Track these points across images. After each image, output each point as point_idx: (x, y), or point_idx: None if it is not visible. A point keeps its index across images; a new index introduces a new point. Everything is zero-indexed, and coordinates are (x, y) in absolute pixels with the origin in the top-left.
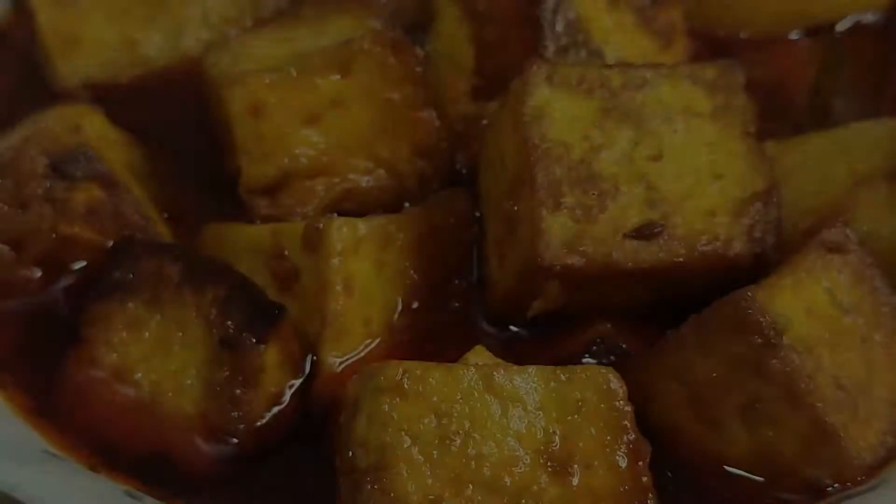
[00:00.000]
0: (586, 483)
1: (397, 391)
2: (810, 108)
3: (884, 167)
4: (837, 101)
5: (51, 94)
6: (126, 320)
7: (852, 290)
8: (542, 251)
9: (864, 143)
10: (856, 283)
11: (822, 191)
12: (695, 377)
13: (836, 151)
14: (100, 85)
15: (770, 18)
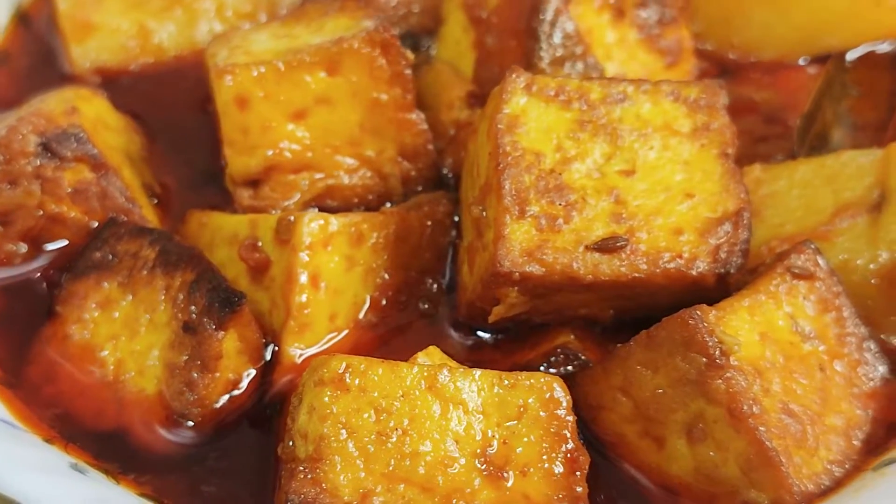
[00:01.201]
0: (520, 489)
1: (338, 384)
2: (801, 134)
3: (867, 198)
4: (837, 130)
5: (62, 78)
6: (99, 299)
7: (817, 318)
8: (501, 257)
9: (850, 172)
10: (822, 311)
11: (804, 217)
12: (641, 392)
13: (823, 179)
14: (110, 70)
15: (782, 44)
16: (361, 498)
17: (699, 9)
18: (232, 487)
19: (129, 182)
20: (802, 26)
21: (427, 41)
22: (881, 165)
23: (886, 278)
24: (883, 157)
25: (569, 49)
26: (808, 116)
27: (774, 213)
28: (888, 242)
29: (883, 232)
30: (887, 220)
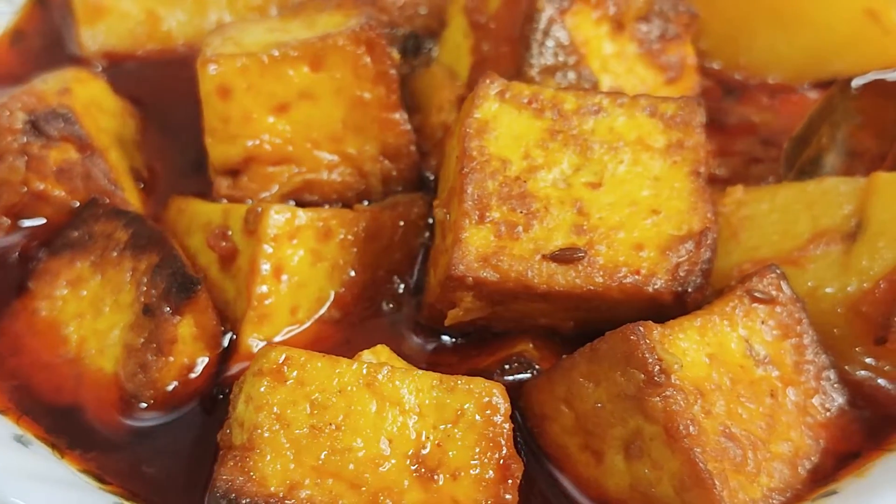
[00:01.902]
0: (449, 492)
1: (276, 375)
2: (790, 157)
3: (844, 226)
4: (831, 156)
5: (71, 59)
6: (71, 277)
7: (774, 343)
8: (456, 261)
9: (831, 199)
10: (781, 336)
11: (780, 242)
12: (583, 405)
13: (803, 204)
14: (117, 54)
15: (788, 66)
16: (288, 489)
17: (706, 27)
18: (172, 470)
19: (114, 165)
20: (809, 49)
21: (430, 43)
22: (862, 194)
23: (853, 308)
24: (864, 186)
25: (561, 59)
26: (799, 140)
27: (751, 235)
28: (858, 272)
29: (855, 261)
30: (860, 249)
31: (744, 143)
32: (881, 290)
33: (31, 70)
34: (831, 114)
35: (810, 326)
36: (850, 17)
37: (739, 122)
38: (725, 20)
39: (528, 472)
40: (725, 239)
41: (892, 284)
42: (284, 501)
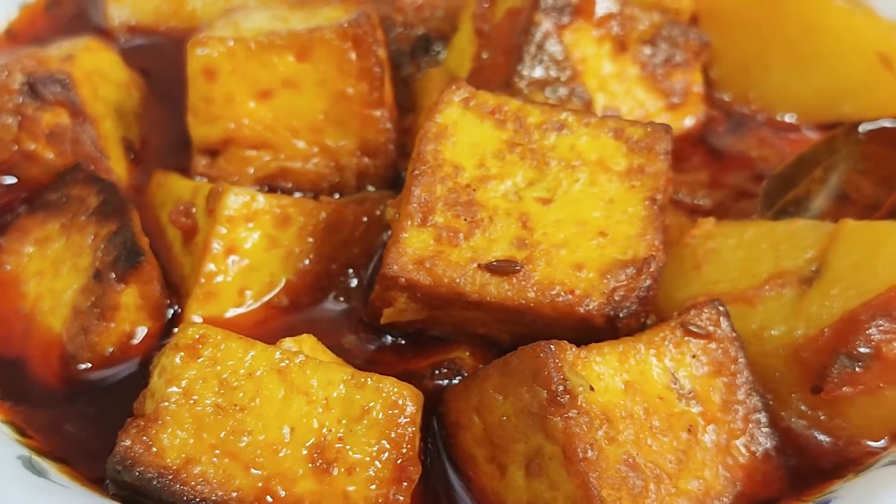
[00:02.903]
0: (342, 486)
1: (191, 351)
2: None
3: (804, 270)
4: (820, 199)
5: (96, 30)
6: (39, 236)
7: (704, 379)
8: (390, 262)
9: (796, 241)
10: (713, 373)
11: (739, 278)
12: (491, 416)
13: (769, 244)
14: (139, 29)
15: (797, 104)
16: (183, 463)
17: (720, 55)
18: (91, 433)
19: (105, 133)
20: (820, 89)
21: (439, 46)
22: (828, 240)
23: (795, 354)
24: (831, 232)
25: (553, 73)
26: (783, 179)
27: (714, 269)
28: (807, 318)
29: (806, 306)
30: (813, 295)
31: (737, 176)
32: (824, 338)
33: (58, 35)
34: (829, 156)
35: (746, 367)
36: (863, 60)
37: (737, 155)
38: (740, 51)
39: (433, 478)
40: (688, 270)
41: (836, 333)
42: (178, 474)
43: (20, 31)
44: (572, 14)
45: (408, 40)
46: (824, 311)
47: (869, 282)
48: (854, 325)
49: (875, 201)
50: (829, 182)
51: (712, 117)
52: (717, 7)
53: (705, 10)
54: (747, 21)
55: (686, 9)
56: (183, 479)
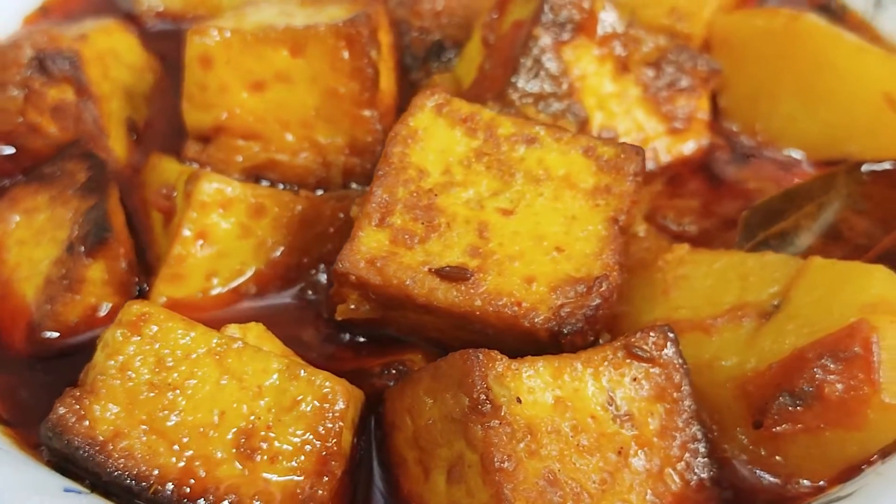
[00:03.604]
0: (263, 474)
1: (133, 328)
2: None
3: (765, 304)
4: (808, 235)
5: (124, 14)
6: (29, 207)
7: (643, 403)
8: (343, 258)
9: (764, 274)
10: (654, 398)
11: (701, 307)
12: (420, 419)
13: (738, 275)
14: (167, 15)
15: (803, 139)
16: (112, 436)
17: (730, 84)
18: (41, 399)
19: (109, 112)
20: (826, 126)
21: (450, 53)
22: (794, 275)
23: (741, 387)
24: (798, 269)
25: (548, 88)
26: (767, 212)
27: (680, 295)
28: (759, 352)
29: (760, 340)
30: (768, 329)
31: (729, 206)
32: (770, 373)
33: (89, 15)
34: (825, 192)
35: (690, 395)
36: (870, 100)
37: (734, 185)
38: (750, 82)
39: (359, 476)
40: (656, 294)
41: (782, 370)
42: (105, 447)
43: (54, 8)
44: (574, 31)
45: (422, 45)
46: (776, 347)
47: (823, 321)
48: (800, 363)
49: (867, 242)
50: (821, 218)
51: (716, 145)
52: (731, 36)
53: (719, 38)
54: (759, 52)
55: (698, 35)
56: (108, 452)
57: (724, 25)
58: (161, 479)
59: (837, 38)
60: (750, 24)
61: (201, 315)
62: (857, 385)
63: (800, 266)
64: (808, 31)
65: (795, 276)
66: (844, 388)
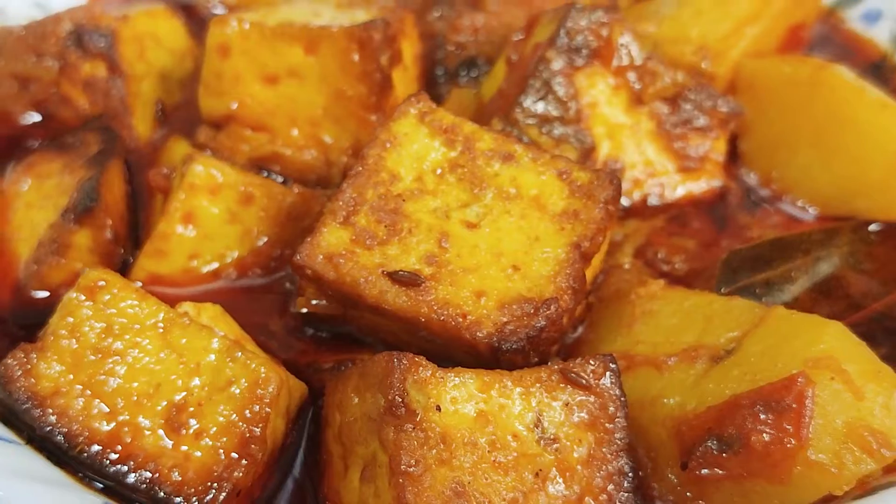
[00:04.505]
0: (186, 448)
1: (89, 293)
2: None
3: (721, 348)
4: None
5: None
6: (42, 171)
7: (573, 430)
8: (302, 251)
9: (728, 318)
10: (585, 426)
11: (660, 344)
12: (346, 416)
13: (702, 316)
14: (225, 4)
15: (816, 191)
16: (51, 393)
17: (752, 129)
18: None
19: (138, 92)
20: (840, 180)
21: (481, 70)
22: (755, 323)
23: (676, 427)
24: (759, 316)
25: (554, 112)
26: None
27: (643, 329)
28: (701, 395)
29: (704, 383)
30: (715, 373)
31: (724, 251)
32: (704, 415)
33: None
34: (824, 247)
35: (623, 428)
36: (884, 158)
37: (737, 230)
38: (771, 128)
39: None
40: (620, 326)
41: (716, 414)
42: (42, 402)
43: None
44: (589, 57)
45: (455, 60)
46: (717, 391)
47: (767, 370)
48: (733, 410)
49: (860, 301)
50: (815, 272)
51: (729, 189)
52: (757, 80)
53: (745, 82)
54: (783, 99)
55: (722, 76)
56: (44, 407)
57: (751, 69)
58: (89, 441)
59: (860, 92)
60: (776, 71)
61: (178, 292)
62: (785, 437)
63: (762, 314)
64: (831, 82)
65: (756, 323)
66: (771, 439)
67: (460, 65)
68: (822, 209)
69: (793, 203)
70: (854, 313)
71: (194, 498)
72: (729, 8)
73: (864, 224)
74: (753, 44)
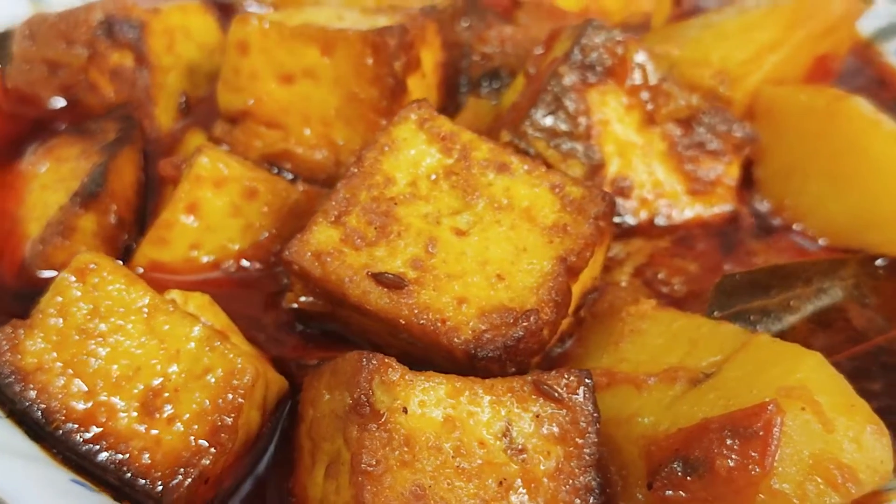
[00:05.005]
0: (158, 431)
1: (80, 274)
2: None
3: (701, 371)
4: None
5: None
6: (61, 155)
7: (541, 441)
8: (291, 246)
9: (714, 343)
10: (555, 440)
11: (644, 363)
12: (316, 411)
13: (688, 339)
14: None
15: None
16: (34, 369)
17: (768, 156)
18: None
19: (163, 84)
20: (851, 211)
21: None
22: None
23: (646, 446)
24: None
25: (563, 127)
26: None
27: (630, 348)
28: (674, 416)
29: (679, 405)
30: (691, 396)
31: None
32: (674, 437)
33: None
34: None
35: (594, 444)
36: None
37: (742, 256)
38: (787, 156)
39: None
40: (608, 343)
41: (685, 436)
42: (25, 377)
43: None
44: (603, 75)
45: (479, 70)
46: (691, 413)
47: (741, 396)
48: (702, 433)
49: (860, 335)
50: (815, 303)
51: (739, 214)
52: (774, 108)
53: (763, 108)
54: (799, 128)
55: (739, 101)
56: (26, 383)
57: (770, 96)
58: (65, 418)
59: (876, 124)
60: (794, 98)
61: (177, 280)
62: (749, 464)
63: (746, 340)
64: (848, 112)
65: (739, 349)
66: (735, 465)
67: (483, 75)
68: (832, 240)
69: (804, 232)
70: (852, 347)
71: (160, 482)
72: (752, 34)
73: (873, 258)
74: (774, 71)
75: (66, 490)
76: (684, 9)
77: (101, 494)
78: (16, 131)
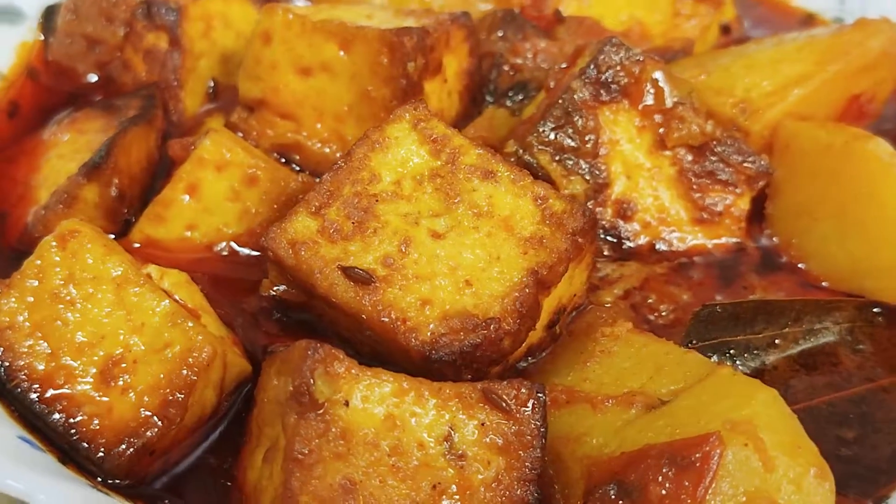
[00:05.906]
0: (111, 398)
1: (62, 241)
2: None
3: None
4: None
5: None
6: (82, 127)
7: (482, 450)
8: (268, 233)
9: (679, 371)
10: (497, 450)
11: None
12: (263, 396)
13: (654, 364)
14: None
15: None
16: (4, 327)
17: (781, 191)
18: None
19: (193, 68)
20: (854, 255)
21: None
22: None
23: (588, 468)
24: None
25: (570, 142)
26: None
27: (596, 368)
28: (621, 440)
29: (628, 429)
30: (642, 421)
31: None
32: (616, 460)
33: None
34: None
35: (537, 459)
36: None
37: (739, 290)
38: (799, 194)
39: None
40: (577, 361)
41: (625, 460)
42: None
43: None
44: (617, 93)
45: (508, 81)
46: (637, 439)
47: (688, 426)
48: (641, 459)
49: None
50: (804, 343)
51: (744, 248)
52: (792, 143)
53: (781, 143)
54: (814, 165)
55: (758, 133)
56: None
57: (790, 130)
58: (26, 378)
59: (889, 167)
60: (812, 135)
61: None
62: (682, 494)
63: (710, 371)
64: (863, 154)
65: (701, 378)
66: (668, 494)
67: (511, 87)
68: (834, 284)
69: (807, 273)
70: (834, 392)
71: (102, 448)
72: (782, 66)
73: (871, 304)
74: (799, 105)
75: (14, 446)
76: (732, 37)
77: (48, 455)
78: (51, 103)
